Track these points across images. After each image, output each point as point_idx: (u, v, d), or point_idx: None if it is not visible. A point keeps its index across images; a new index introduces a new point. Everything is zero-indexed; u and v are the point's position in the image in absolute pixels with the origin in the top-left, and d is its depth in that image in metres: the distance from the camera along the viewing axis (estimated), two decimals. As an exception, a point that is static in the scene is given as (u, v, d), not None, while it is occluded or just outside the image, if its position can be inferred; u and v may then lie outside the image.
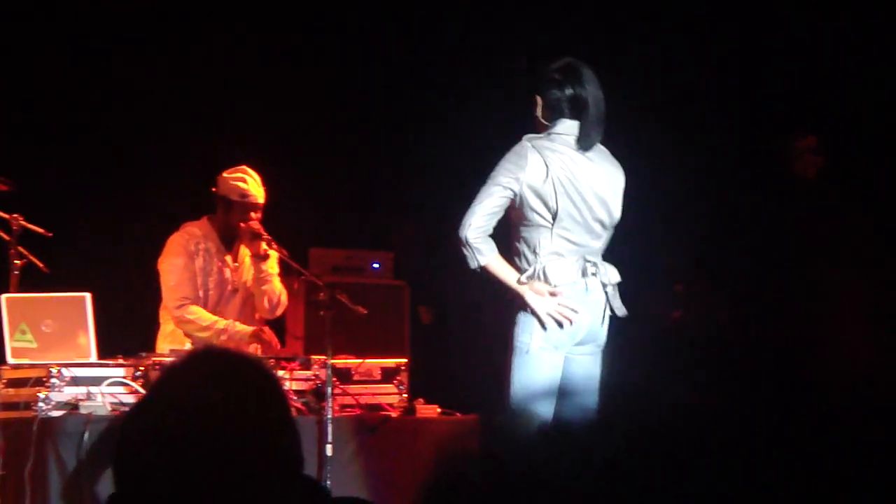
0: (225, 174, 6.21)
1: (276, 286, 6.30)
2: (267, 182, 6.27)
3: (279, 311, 6.38)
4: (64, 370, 5.28)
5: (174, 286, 6.20)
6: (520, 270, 4.88)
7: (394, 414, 5.80)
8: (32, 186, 6.58)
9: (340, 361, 5.76)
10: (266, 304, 6.30)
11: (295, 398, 5.46)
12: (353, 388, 5.78)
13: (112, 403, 5.27)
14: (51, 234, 5.95)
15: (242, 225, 6.14)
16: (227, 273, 6.29)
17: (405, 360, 6.05)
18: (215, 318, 6.14)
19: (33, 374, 5.31)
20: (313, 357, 5.74)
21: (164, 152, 7.65)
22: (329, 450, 5.32)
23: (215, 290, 6.25)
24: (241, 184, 6.14)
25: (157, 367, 5.35)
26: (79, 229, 7.11)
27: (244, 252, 6.32)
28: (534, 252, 4.87)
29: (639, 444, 1.12)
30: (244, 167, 6.21)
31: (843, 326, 6.31)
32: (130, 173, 7.62)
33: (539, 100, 5.00)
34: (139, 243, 7.27)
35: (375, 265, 7.96)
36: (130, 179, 7.62)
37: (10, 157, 6.62)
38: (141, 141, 7.65)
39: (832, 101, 7.25)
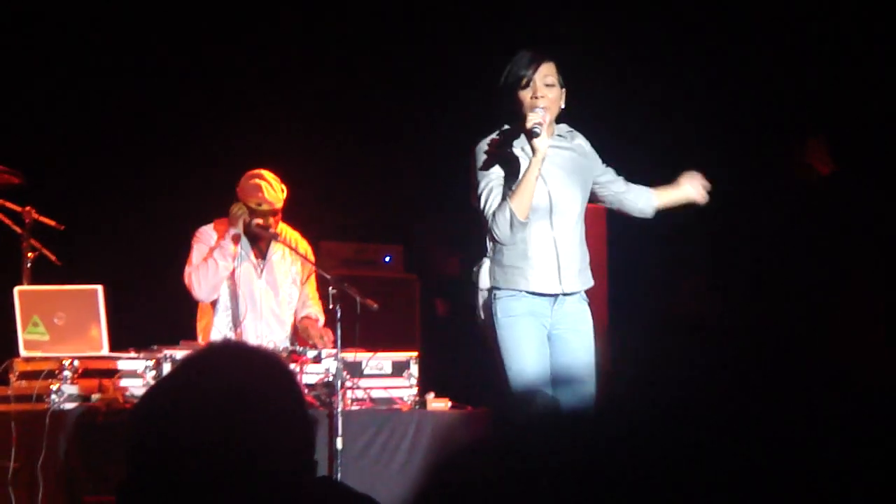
0: (244, 178, 6.21)
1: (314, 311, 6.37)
2: (278, 175, 6.27)
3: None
4: (76, 363, 5.30)
5: (195, 260, 6.22)
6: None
7: (404, 407, 5.80)
8: (45, 179, 6.60)
9: (351, 354, 5.76)
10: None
11: (306, 391, 5.47)
12: (364, 382, 5.79)
13: (124, 395, 5.29)
14: (63, 227, 5.96)
15: (255, 225, 6.16)
16: (252, 269, 6.30)
17: (416, 354, 6.06)
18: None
19: (45, 366, 5.32)
20: (324, 350, 5.76)
21: (176, 146, 7.67)
22: (339, 443, 5.33)
23: (241, 285, 6.25)
24: (257, 191, 6.15)
25: (168, 359, 5.37)
26: (91, 222, 7.12)
27: (274, 248, 6.34)
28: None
29: (639, 439, 1.12)
30: (262, 172, 6.20)
31: (850, 326, 6.32)
32: (142, 167, 7.64)
33: (564, 92, 5.03)
34: (151, 236, 7.29)
35: (387, 258, 7.96)
36: (142, 173, 7.63)
37: (23, 150, 6.64)
38: (153, 134, 7.66)
39: (841, 102, 7.23)
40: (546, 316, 4.95)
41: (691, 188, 5.21)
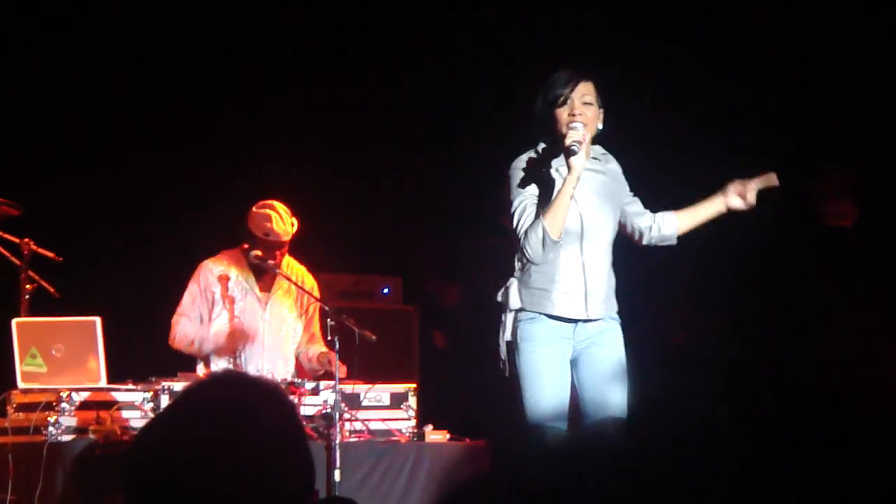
0: (254, 208, 6.20)
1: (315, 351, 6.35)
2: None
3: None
4: (74, 394, 5.29)
5: (183, 309, 6.23)
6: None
7: (403, 439, 5.79)
8: (43, 211, 6.61)
9: (350, 386, 5.76)
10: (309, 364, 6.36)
11: (304, 423, 5.46)
12: (362, 413, 5.78)
13: (122, 427, 5.28)
14: (61, 259, 5.97)
15: (254, 257, 6.14)
16: (256, 302, 6.28)
17: (414, 385, 6.05)
18: (197, 328, 6.17)
19: (43, 398, 5.32)
20: (322, 382, 5.75)
21: (175, 178, 7.68)
22: (337, 475, 5.32)
23: (245, 318, 6.23)
24: (266, 222, 6.13)
25: (167, 391, 5.36)
26: (89, 254, 7.13)
27: (279, 282, 6.32)
28: None
29: (640, 463, 1.12)
30: (272, 203, 6.19)
31: (853, 354, 6.27)
32: (141, 198, 7.65)
33: (603, 113, 4.98)
34: (149, 268, 7.29)
35: (385, 290, 7.96)
36: (140, 205, 7.64)
37: (21, 181, 6.65)
38: (151, 167, 7.67)
39: (866, 141, 7.07)
40: (568, 339, 4.91)
41: (729, 197, 5.05)
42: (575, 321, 4.90)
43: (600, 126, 4.96)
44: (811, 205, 6.45)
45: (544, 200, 4.85)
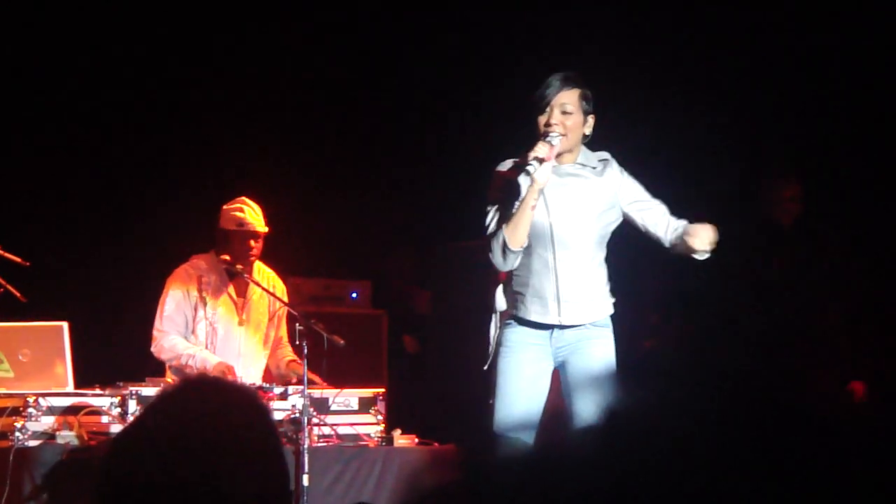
0: (225, 207, 6.19)
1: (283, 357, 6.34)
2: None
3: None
4: (41, 399, 5.26)
5: (168, 316, 6.17)
6: None
7: (371, 444, 5.79)
8: (8, 216, 6.58)
9: (318, 391, 5.75)
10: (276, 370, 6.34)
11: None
12: (330, 418, 5.78)
13: (89, 433, 5.25)
14: (28, 264, 5.94)
15: (222, 260, 6.10)
16: (232, 307, 6.26)
17: (383, 390, 6.05)
18: (189, 345, 6.11)
19: (10, 403, 5.29)
20: (290, 387, 5.74)
21: (141, 181, 7.65)
22: (306, 480, 5.31)
23: (220, 323, 6.21)
24: (237, 213, 6.13)
25: (134, 396, 5.34)
26: (56, 258, 7.10)
27: (253, 287, 6.29)
28: None
29: (609, 472, 1.13)
30: (243, 198, 6.20)
31: (813, 358, 6.36)
32: (108, 201, 7.62)
33: (593, 119, 4.97)
34: (117, 272, 7.27)
35: (354, 295, 7.96)
36: (108, 209, 7.61)
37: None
38: (122, 168, 7.65)
39: (821, 147, 7.30)
40: (543, 346, 4.92)
41: (700, 239, 4.91)
42: (549, 327, 4.91)
43: (587, 132, 4.95)
44: (766, 206, 6.75)
45: (511, 207, 4.87)
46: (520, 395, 4.86)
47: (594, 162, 5.02)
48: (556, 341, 4.92)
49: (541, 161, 4.75)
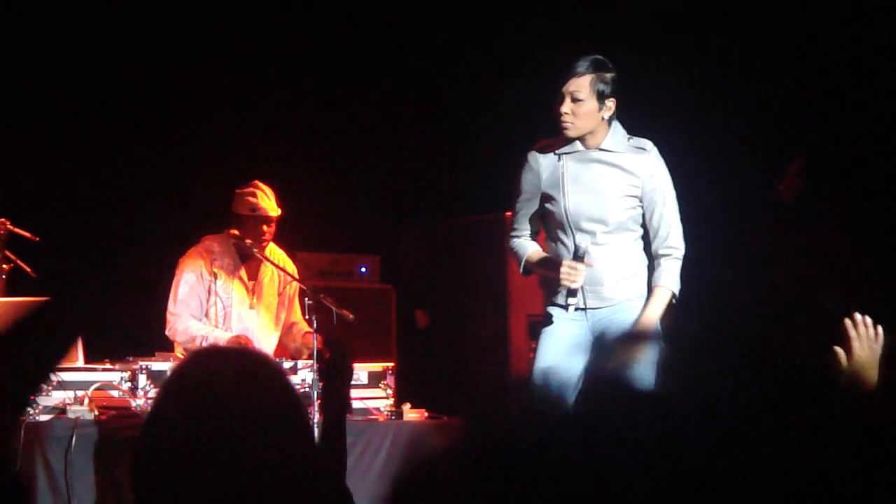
0: (238, 190, 6.20)
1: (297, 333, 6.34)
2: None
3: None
4: (51, 374, 5.28)
5: (182, 299, 6.17)
6: None
7: (381, 418, 5.81)
8: (20, 191, 6.58)
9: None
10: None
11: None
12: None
13: (100, 407, 5.27)
14: (38, 239, 5.94)
15: (233, 236, 6.11)
16: (244, 289, 6.27)
17: (392, 364, 6.06)
18: (202, 326, 6.11)
19: (21, 378, 5.29)
20: (300, 361, 5.76)
21: (153, 156, 7.65)
22: (316, 454, 5.32)
23: (233, 305, 6.22)
24: (251, 198, 6.13)
25: (144, 370, 5.36)
26: (67, 234, 7.10)
27: (265, 270, 6.30)
28: None
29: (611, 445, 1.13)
30: (257, 182, 6.20)
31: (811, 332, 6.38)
32: (120, 178, 7.62)
33: (614, 102, 4.89)
34: (129, 248, 7.27)
35: (363, 269, 7.96)
36: (119, 185, 7.61)
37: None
38: (132, 145, 7.64)
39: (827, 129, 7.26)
40: (582, 322, 4.94)
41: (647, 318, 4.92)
42: (581, 309, 4.94)
43: (605, 116, 4.87)
44: (774, 184, 6.76)
45: (538, 199, 4.97)
46: (557, 350, 4.87)
47: (623, 147, 4.93)
48: (592, 318, 4.94)
49: (572, 293, 4.85)
